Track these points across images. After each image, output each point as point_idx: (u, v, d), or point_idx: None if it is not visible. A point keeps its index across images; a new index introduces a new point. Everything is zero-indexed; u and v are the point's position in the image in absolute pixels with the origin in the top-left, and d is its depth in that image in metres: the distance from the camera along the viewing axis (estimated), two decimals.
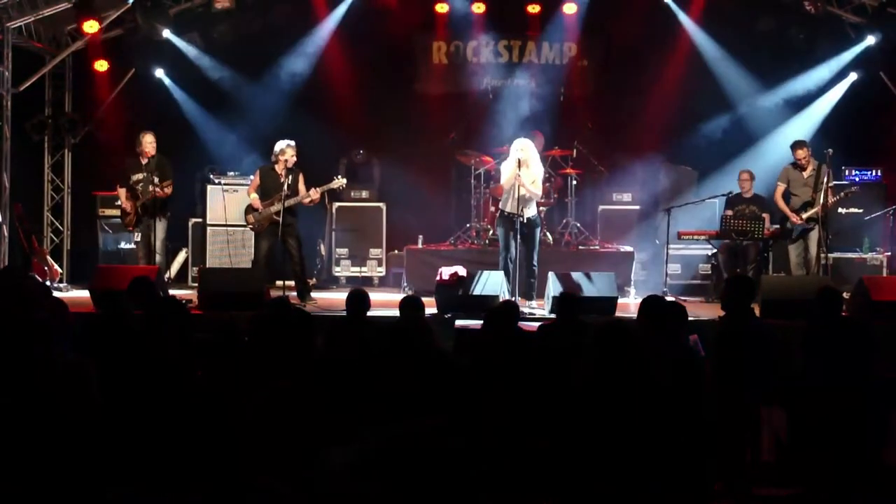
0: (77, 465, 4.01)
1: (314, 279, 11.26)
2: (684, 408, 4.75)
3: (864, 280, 8.87)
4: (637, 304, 6.40)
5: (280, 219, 9.43)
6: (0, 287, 6.91)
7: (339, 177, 9.99)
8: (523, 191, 9.00)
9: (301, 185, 9.77)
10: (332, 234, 11.92)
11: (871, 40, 11.26)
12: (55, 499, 3.88)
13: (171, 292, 9.78)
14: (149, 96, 11.97)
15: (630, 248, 11.21)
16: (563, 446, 4.50)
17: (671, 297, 9.12)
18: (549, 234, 11.21)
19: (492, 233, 10.82)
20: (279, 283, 9.53)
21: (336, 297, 9.89)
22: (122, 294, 6.39)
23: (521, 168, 9.00)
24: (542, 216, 10.44)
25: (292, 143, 9.74)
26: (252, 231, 10.12)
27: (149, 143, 10.06)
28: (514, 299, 8.63)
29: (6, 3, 10.63)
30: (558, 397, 4.84)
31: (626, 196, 12.03)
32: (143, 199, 10.00)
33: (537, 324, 7.36)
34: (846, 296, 8.40)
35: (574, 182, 11.45)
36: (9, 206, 11.20)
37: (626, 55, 12.44)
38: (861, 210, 11.29)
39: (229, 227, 11.50)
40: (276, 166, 9.73)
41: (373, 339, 5.87)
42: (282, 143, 9.73)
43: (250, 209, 9.87)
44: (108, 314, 6.08)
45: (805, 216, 10.12)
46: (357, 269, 11.90)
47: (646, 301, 5.63)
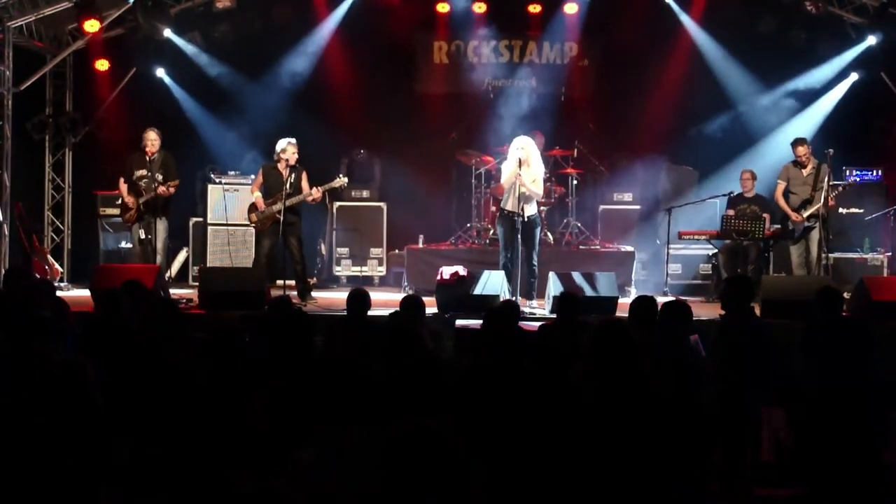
0: (70, 463, 4.01)
1: (315, 279, 11.26)
2: (684, 408, 4.74)
3: (865, 280, 8.86)
4: None
5: (282, 217, 9.43)
6: (7, 287, 6.93)
7: (341, 176, 9.99)
8: (523, 189, 9.00)
9: (304, 183, 9.74)
10: (333, 233, 11.93)
11: (871, 40, 11.27)
12: (47, 496, 3.88)
13: (172, 292, 9.78)
14: (149, 96, 11.96)
15: (631, 248, 11.21)
16: (563, 446, 4.49)
17: (671, 297, 9.10)
18: (549, 234, 11.20)
19: (492, 232, 10.81)
20: (279, 282, 9.51)
21: (336, 297, 9.90)
22: (122, 293, 6.39)
23: (522, 167, 8.99)
24: (543, 216, 10.44)
25: (293, 140, 9.72)
26: (254, 230, 10.10)
27: (152, 140, 9.87)
28: (514, 299, 8.62)
29: (7, 3, 10.63)
30: (558, 397, 4.83)
31: (627, 196, 12.04)
32: (146, 197, 9.83)
33: (538, 323, 7.36)
34: (846, 296, 8.39)
35: (575, 182, 11.46)
36: (9, 205, 11.20)
37: (628, 55, 12.42)
38: (862, 210, 11.31)
39: (230, 227, 11.50)
40: (278, 165, 9.73)
41: (372, 338, 5.87)
42: (283, 142, 9.72)
43: (253, 208, 9.85)
44: (107, 313, 6.08)
45: (806, 214, 10.11)
46: (357, 268, 11.91)
47: (635, 301, 5.73)
